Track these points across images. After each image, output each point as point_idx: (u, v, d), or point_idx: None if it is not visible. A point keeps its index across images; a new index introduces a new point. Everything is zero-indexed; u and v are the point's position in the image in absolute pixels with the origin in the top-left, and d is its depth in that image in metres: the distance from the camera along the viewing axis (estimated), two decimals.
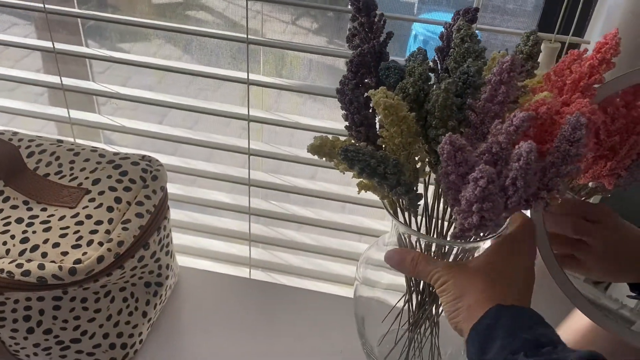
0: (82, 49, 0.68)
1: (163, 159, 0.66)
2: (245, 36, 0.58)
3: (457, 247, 0.46)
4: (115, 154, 0.58)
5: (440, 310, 0.52)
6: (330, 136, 0.40)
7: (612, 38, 0.43)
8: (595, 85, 0.44)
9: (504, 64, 0.36)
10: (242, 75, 0.61)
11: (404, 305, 0.53)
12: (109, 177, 0.55)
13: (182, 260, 0.71)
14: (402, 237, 0.49)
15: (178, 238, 0.82)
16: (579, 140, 0.37)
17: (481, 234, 0.42)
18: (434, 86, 0.42)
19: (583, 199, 0.58)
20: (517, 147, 0.34)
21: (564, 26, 0.58)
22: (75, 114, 0.71)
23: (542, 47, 0.57)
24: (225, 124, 1.29)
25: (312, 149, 0.39)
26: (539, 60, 0.45)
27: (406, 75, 0.42)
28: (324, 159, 0.40)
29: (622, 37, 0.53)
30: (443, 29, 0.47)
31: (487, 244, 0.46)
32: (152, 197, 0.55)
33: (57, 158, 0.57)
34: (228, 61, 0.99)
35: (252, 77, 0.61)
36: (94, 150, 0.58)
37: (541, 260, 0.53)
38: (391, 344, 0.56)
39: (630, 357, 0.56)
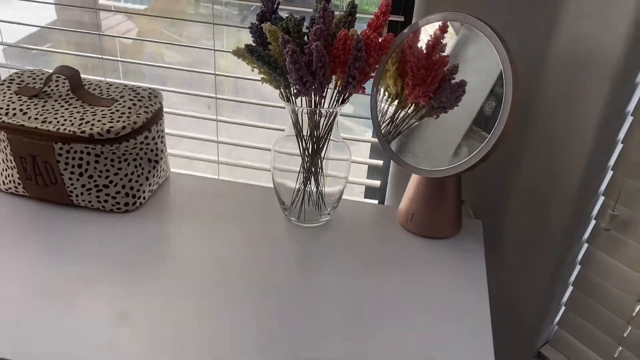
0: None
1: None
2: None
3: (324, 113, 0.84)
4: (131, 85, 0.98)
5: (321, 166, 0.89)
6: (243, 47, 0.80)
7: (386, 5, 0.83)
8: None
9: (322, 9, 0.76)
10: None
11: (300, 170, 0.90)
12: (129, 94, 0.94)
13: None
14: (292, 117, 0.87)
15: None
16: (359, 48, 0.77)
17: (316, 96, 0.80)
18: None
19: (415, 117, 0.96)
20: (311, 44, 0.73)
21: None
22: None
23: None
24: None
25: (235, 52, 0.79)
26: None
27: (281, 21, 0.82)
28: (243, 60, 0.80)
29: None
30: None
31: (341, 109, 0.84)
32: (154, 104, 0.94)
33: (98, 85, 0.97)
34: None
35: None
36: (119, 84, 0.98)
37: None
38: (297, 201, 0.93)
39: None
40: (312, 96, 0.82)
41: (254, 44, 0.80)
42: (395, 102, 0.93)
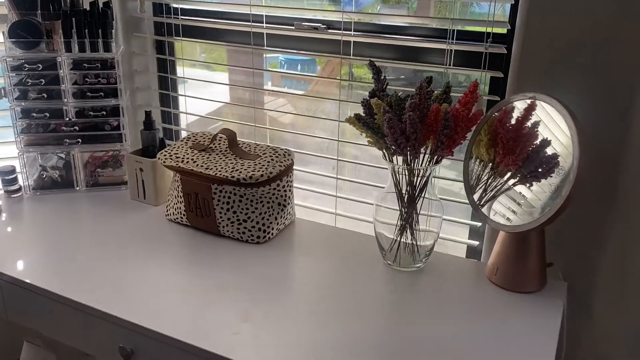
0: None
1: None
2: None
3: (417, 170, 1.01)
4: (273, 145, 1.25)
5: (417, 220, 1.05)
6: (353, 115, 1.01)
7: (474, 85, 0.99)
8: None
9: (419, 87, 0.95)
10: None
11: (398, 221, 1.07)
12: (270, 152, 1.21)
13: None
14: (393, 174, 1.05)
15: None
16: (448, 119, 0.94)
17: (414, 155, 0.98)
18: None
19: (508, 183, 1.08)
20: (406, 114, 0.92)
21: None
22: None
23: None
24: None
25: (347, 120, 1.01)
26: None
27: (387, 97, 1.03)
28: (353, 126, 1.01)
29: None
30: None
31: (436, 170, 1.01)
32: (287, 160, 1.19)
33: (249, 145, 1.25)
34: None
35: None
36: (265, 144, 1.25)
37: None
38: (394, 248, 1.09)
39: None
40: (408, 156, 1.00)
41: (362, 114, 1.02)
42: (488, 169, 1.07)
